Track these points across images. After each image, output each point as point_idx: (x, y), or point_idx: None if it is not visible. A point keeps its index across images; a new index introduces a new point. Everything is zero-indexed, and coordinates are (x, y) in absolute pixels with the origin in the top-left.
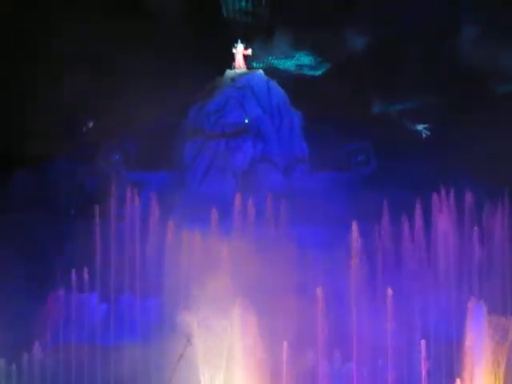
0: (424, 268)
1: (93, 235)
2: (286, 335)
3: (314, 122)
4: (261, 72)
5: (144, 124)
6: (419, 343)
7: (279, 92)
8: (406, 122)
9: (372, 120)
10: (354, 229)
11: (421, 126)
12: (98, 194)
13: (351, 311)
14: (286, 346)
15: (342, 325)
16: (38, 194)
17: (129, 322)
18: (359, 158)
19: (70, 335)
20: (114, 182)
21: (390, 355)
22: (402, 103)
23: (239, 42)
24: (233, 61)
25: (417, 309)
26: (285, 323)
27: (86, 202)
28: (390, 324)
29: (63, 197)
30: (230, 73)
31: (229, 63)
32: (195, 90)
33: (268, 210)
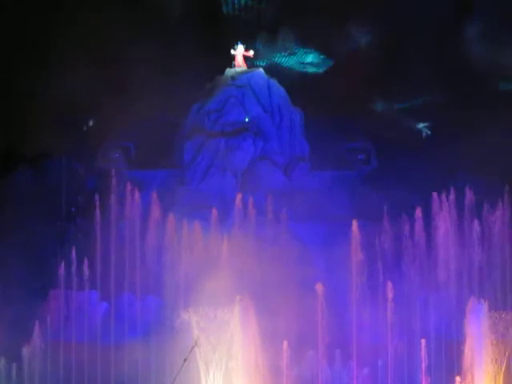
0: (424, 267)
1: (93, 234)
2: (285, 333)
3: (315, 120)
4: (261, 70)
5: (144, 123)
6: (419, 342)
7: (279, 90)
8: (407, 120)
9: (372, 119)
10: (354, 227)
11: (421, 125)
12: (99, 192)
13: (351, 309)
14: (285, 344)
15: (341, 323)
16: (38, 193)
17: (129, 321)
18: (360, 156)
19: (70, 334)
20: (115, 181)
21: (390, 354)
22: (403, 102)
23: (239, 43)
24: (233, 59)
25: (417, 308)
26: (285, 321)
27: (87, 200)
28: (390, 323)
29: (63, 195)
30: (230, 71)
31: (229, 62)
32: (195, 88)
33: (268, 209)
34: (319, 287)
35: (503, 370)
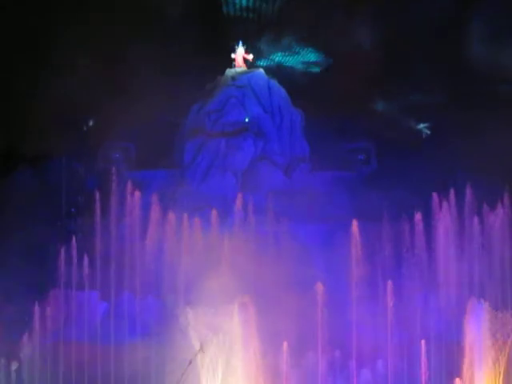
0: (424, 267)
1: (93, 234)
2: (285, 334)
3: (315, 120)
4: (261, 71)
5: (144, 123)
6: (419, 343)
7: (280, 91)
8: (407, 120)
9: (373, 119)
10: (354, 227)
11: (421, 125)
12: (99, 192)
13: (351, 310)
14: (285, 344)
15: (341, 324)
16: (38, 193)
17: (129, 321)
18: (360, 156)
19: (70, 333)
20: (115, 181)
21: (389, 355)
22: (403, 102)
23: (240, 45)
24: (233, 60)
25: (417, 308)
26: (284, 321)
27: (87, 200)
28: (389, 324)
29: (63, 195)
30: (230, 72)
31: (229, 62)
32: (196, 88)
33: (268, 209)
34: (319, 287)
35: (503, 370)
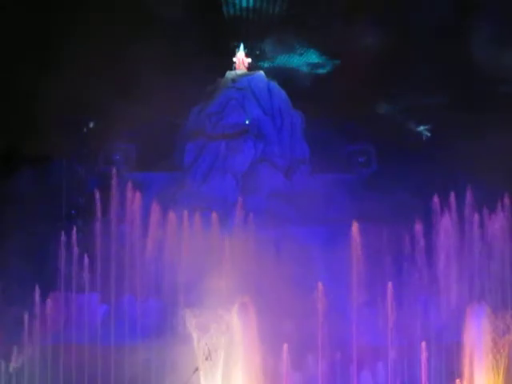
0: (425, 269)
1: (93, 235)
2: (286, 336)
3: (315, 122)
4: (261, 73)
5: (145, 125)
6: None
7: (280, 93)
8: (408, 122)
9: (373, 121)
10: (355, 229)
11: (421, 128)
12: (99, 194)
13: (352, 312)
14: (286, 347)
15: (342, 326)
16: (39, 194)
17: (129, 323)
18: (360, 159)
19: (70, 336)
20: (115, 183)
21: (390, 357)
22: (404, 104)
23: (241, 48)
24: (233, 63)
25: (417, 310)
26: (285, 324)
27: (87, 202)
28: (390, 326)
29: (64, 197)
30: (230, 74)
31: (230, 63)
32: (196, 89)
33: (268, 211)
34: (319, 290)
35: (503, 372)
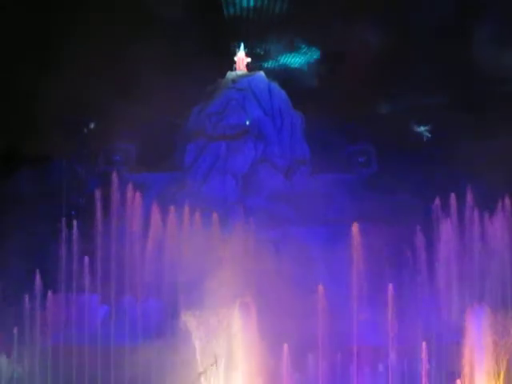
0: (425, 270)
1: (93, 236)
2: (286, 336)
3: (316, 122)
4: (262, 74)
5: (145, 125)
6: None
7: (280, 94)
8: (408, 123)
9: (373, 121)
10: (355, 230)
11: (422, 128)
12: (99, 195)
13: (352, 313)
14: (286, 347)
15: (342, 327)
16: (39, 194)
17: (129, 324)
18: (360, 159)
19: (70, 336)
20: (115, 183)
21: (390, 358)
22: (404, 104)
23: (241, 48)
24: (234, 62)
25: (418, 311)
26: (285, 324)
27: (87, 202)
28: (390, 326)
29: (64, 197)
30: (230, 74)
31: (230, 62)
32: (196, 89)
33: (269, 212)
34: (320, 290)
35: (503, 372)
